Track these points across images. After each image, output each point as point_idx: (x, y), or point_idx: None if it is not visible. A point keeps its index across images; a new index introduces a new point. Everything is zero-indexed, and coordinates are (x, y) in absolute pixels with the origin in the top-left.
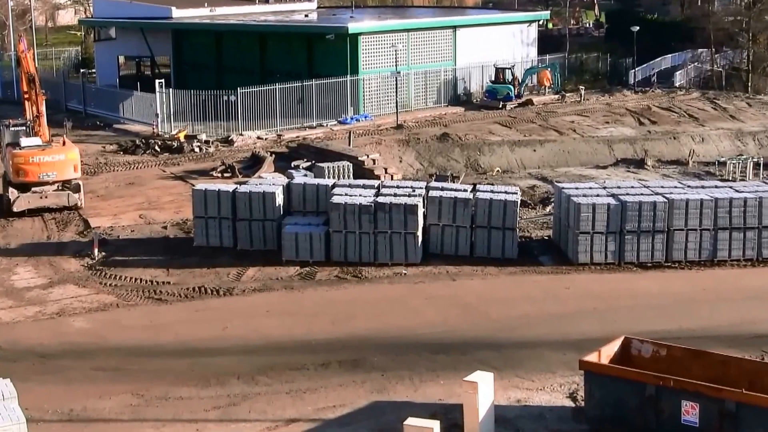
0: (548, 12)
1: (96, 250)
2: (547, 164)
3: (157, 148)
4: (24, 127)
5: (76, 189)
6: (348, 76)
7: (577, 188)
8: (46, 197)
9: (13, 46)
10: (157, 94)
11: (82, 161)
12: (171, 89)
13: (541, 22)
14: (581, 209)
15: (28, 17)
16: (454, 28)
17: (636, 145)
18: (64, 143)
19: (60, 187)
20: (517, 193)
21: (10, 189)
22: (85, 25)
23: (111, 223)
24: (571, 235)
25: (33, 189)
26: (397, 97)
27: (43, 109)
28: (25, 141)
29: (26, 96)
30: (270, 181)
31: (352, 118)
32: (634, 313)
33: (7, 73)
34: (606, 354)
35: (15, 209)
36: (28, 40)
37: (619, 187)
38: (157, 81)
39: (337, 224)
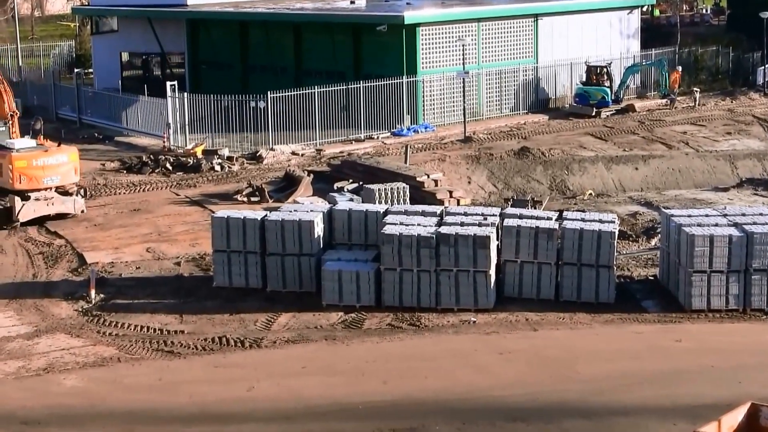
0: None
1: (93, 292)
2: (652, 186)
3: (168, 165)
4: (4, 129)
5: (82, 194)
6: (404, 76)
7: (690, 216)
8: (52, 204)
9: None
10: (169, 99)
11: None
12: (185, 93)
13: (645, 9)
14: (695, 242)
15: (10, 4)
16: (536, 16)
17: (765, 161)
18: (60, 145)
19: (67, 192)
20: (614, 222)
21: (11, 196)
22: (80, 15)
23: (111, 258)
24: (682, 275)
25: (35, 196)
26: (464, 102)
27: (14, 105)
28: (18, 143)
29: None
30: (307, 207)
31: (408, 129)
32: (763, 373)
33: None
34: (728, 424)
35: (21, 219)
36: (11, 32)
37: (743, 215)
38: (168, 83)
39: (390, 261)
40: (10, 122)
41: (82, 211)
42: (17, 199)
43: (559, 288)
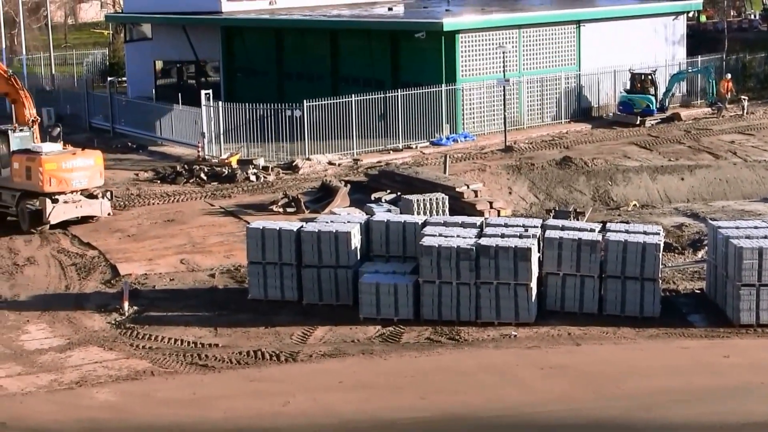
0: (700, 1)
1: (126, 304)
2: (698, 196)
3: (203, 175)
4: (28, 133)
5: (108, 197)
6: (443, 84)
7: (738, 228)
8: (80, 206)
9: (24, 47)
10: (203, 108)
11: (108, 191)
12: (220, 102)
13: (691, 15)
14: (744, 255)
15: (43, 12)
16: (578, 23)
17: None
18: (83, 149)
19: (93, 195)
20: (659, 234)
21: (41, 199)
22: (114, 22)
23: (145, 269)
24: (730, 289)
25: (64, 198)
26: (505, 111)
27: (34, 112)
28: (45, 146)
29: (11, 99)
30: (344, 218)
31: (448, 139)
32: None
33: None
34: None
35: (52, 221)
36: (44, 40)
37: None
38: (203, 92)
39: (428, 273)
40: (34, 127)
41: (109, 214)
42: (48, 201)
43: (603, 301)
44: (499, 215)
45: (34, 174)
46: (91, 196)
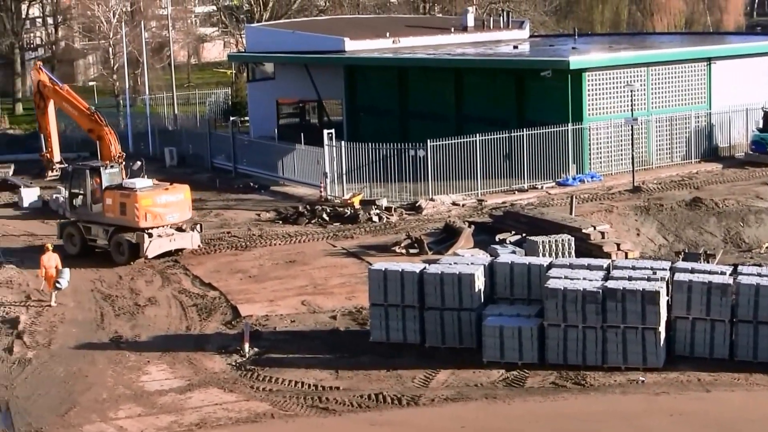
0: None
1: (247, 346)
2: None
3: (325, 216)
4: (118, 169)
5: (198, 229)
6: (569, 123)
7: None
8: (174, 240)
9: (148, 87)
10: (326, 147)
11: (229, 232)
12: (343, 142)
13: None
14: None
15: (167, 52)
16: (709, 60)
17: None
18: (172, 183)
19: (181, 228)
20: None
21: (138, 234)
22: (236, 62)
23: (266, 311)
24: None
25: (158, 232)
26: (633, 150)
27: (119, 148)
28: (138, 182)
29: (96, 136)
30: (468, 260)
31: (574, 179)
32: None
33: (140, 121)
34: None
35: (150, 255)
36: (167, 80)
37: None
38: (325, 131)
39: (554, 316)
40: (122, 164)
41: (198, 246)
42: (145, 236)
43: (734, 347)
44: (626, 257)
45: (129, 209)
46: (180, 229)
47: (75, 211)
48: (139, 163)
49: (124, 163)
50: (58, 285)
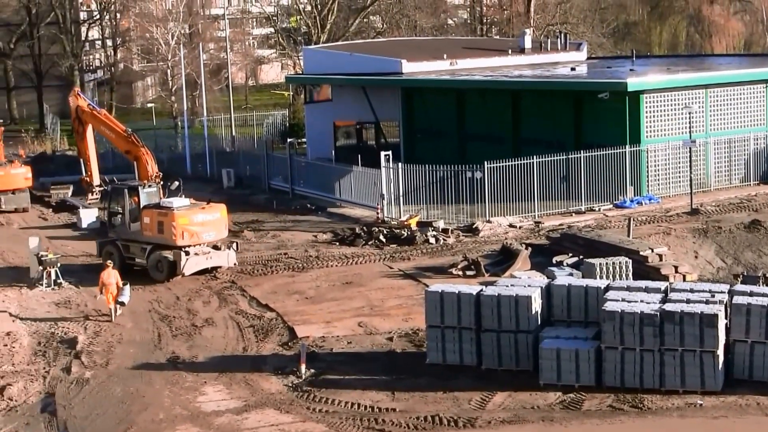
0: None
1: (303, 367)
2: None
3: (381, 237)
4: (155, 189)
5: (234, 248)
6: (627, 146)
7: None
8: (210, 258)
9: (205, 109)
10: (383, 169)
11: (286, 253)
12: (400, 163)
13: None
14: None
15: (224, 74)
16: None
17: None
18: (209, 202)
19: (217, 247)
20: None
21: (175, 252)
22: (294, 84)
23: (322, 332)
24: None
25: (194, 251)
26: (691, 173)
27: (156, 168)
28: (175, 201)
29: (133, 157)
30: (525, 282)
31: (632, 201)
32: None
33: (198, 143)
34: None
35: (186, 273)
36: (224, 101)
37: None
38: (382, 153)
39: (611, 338)
40: (160, 184)
41: (234, 264)
42: (182, 254)
43: None
44: (684, 280)
45: (166, 228)
46: (216, 247)
47: (114, 230)
48: (177, 183)
49: (161, 182)
50: (120, 299)
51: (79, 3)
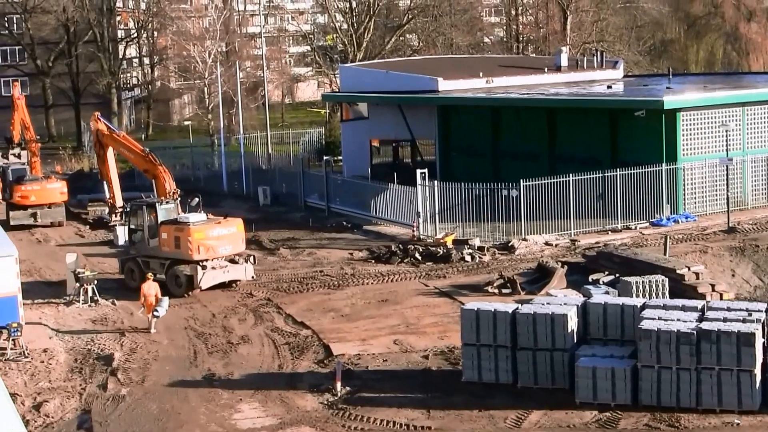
0: None
1: (339, 384)
2: None
3: (417, 255)
4: (173, 205)
5: (251, 261)
6: (663, 163)
7: None
8: (227, 272)
9: (242, 126)
10: (419, 187)
11: (322, 271)
12: (436, 181)
13: None
14: None
15: (261, 92)
16: None
17: None
18: (226, 217)
19: (234, 261)
20: None
21: (192, 266)
22: (330, 101)
23: (358, 350)
24: None
25: (211, 265)
26: (728, 191)
27: (174, 185)
28: (192, 217)
29: (151, 175)
30: (561, 300)
31: (668, 219)
32: None
33: (234, 160)
34: None
35: (203, 287)
36: (261, 119)
37: None
38: (418, 171)
39: (647, 357)
40: (178, 200)
41: (252, 278)
42: (198, 268)
43: None
44: (721, 298)
45: (182, 243)
46: (233, 261)
47: (134, 246)
48: (197, 199)
49: (179, 199)
50: (156, 313)
51: (116, 21)
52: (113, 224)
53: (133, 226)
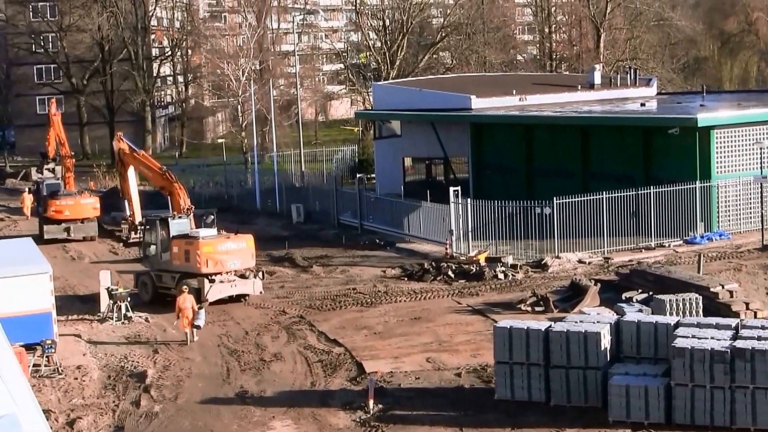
0: None
1: (371, 402)
2: None
3: (450, 273)
4: (186, 220)
5: (260, 276)
6: (697, 181)
7: None
8: (235, 286)
9: (275, 144)
10: (452, 205)
11: (354, 289)
12: (469, 199)
13: None
14: None
15: (294, 110)
16: None
17: None
18: (237, 233)
19: (243, 275)
20: None
21: (199, 279)
22: (363, 119)
23: (391, 367)
24: None
25: (220, 278)
26: (762, 208)
27: (188, 201)
28: (202, 232)
29: (167, 192)
30: (594, 318)
31: (702, 237)
32: None
33: (268, 178)
34: None
35: (210, 299)
36: (294, 137)
37: None
38: (451, 189)
39: (681, 375)
40: (191, 216)
41: (260, 292)
42: (206, 281)
43: None
44: (755, 317)
45: (192, 256)
46: (242, 276)
47: (148, 261)
48: (212, 216)
49: (193, 214)
50: (196, 323)
51: (151, 40)
52: (132, 241)
53: (146, 241)
